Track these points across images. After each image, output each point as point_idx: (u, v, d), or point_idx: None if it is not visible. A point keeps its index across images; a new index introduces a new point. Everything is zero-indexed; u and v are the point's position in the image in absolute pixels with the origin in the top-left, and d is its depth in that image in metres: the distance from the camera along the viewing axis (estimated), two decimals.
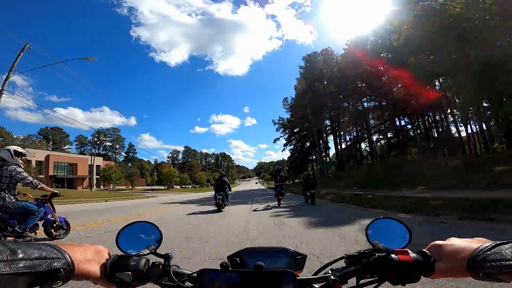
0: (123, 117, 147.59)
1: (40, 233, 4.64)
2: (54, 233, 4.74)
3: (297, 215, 8.10)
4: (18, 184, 4.23)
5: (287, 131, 51.90)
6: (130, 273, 0.51)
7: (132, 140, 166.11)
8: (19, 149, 4.47)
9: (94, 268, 0.50)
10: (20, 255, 0.39)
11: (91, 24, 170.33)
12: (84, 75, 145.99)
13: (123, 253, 0.58)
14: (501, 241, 0.44)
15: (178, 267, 0.58)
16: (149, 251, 0.60)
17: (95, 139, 78.86)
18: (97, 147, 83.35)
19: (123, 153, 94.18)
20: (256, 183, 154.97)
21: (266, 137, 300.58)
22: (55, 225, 4.77)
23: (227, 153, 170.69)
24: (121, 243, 0.62)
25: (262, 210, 9.96)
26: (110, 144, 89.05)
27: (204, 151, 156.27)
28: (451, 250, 0.48)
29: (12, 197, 4.13)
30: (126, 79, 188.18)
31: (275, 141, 57.85)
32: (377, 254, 0.55)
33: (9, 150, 4.35)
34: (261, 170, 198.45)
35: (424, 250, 0.52)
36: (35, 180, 4.42)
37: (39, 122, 76.65)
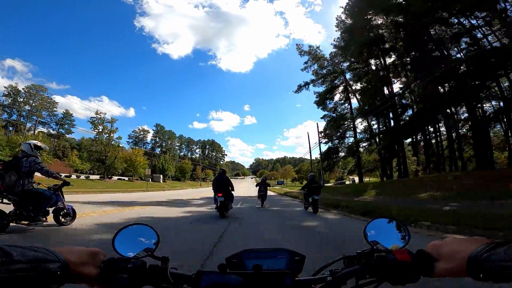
0: (121, 108, 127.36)
1: (49, 219, 5.00)
2: (62, 219, 5.19)
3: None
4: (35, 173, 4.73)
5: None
6: (126, 275, 0.50)
7: (128, 132, 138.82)
8: (38, 144, 5.04)
9: (90, 271, 0.49)
10: (16, 258, 0.38)
11: (95, 10, 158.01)
12: (83, 64, 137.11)
13: (119, 256, 0.56)
14: (501, 241, 0.43)
15: (176, 269, 0.57)
16: (146, 254, 0.59)
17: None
18: (9, 111, 54.91)
19: (52, 124, 63.18)
20: (252, 178, 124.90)
21: (266, 137, 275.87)
22: (63, 212, 5.22)
23: (216, 142, 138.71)
24: (117, 245, 0.60)
25: None
26: (30, 108, 56.26)
27: (185, 136, 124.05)
28: (450, 250, 0.47)
29: (30, 184, 4.68)
30: (126, 70, 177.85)
31: (299, 89, 30.79)
32: (376, 254, 0.54)
33: (29, 144, 4.91)
34: (259, 168, 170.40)
35: (423, 249, 0.52)
36: (50, 170, 4.94)
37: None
